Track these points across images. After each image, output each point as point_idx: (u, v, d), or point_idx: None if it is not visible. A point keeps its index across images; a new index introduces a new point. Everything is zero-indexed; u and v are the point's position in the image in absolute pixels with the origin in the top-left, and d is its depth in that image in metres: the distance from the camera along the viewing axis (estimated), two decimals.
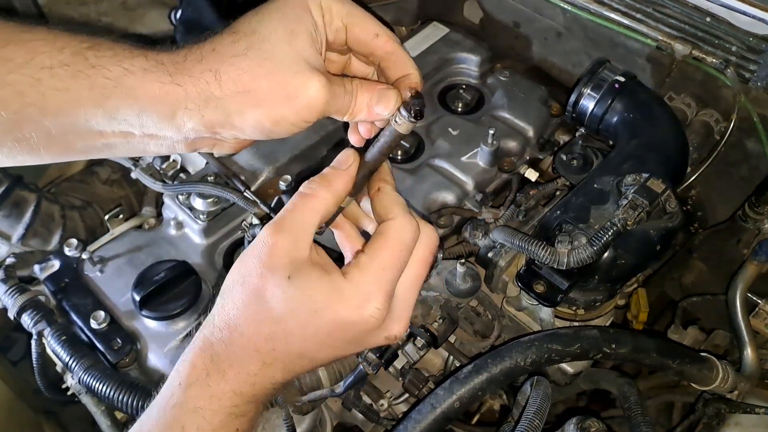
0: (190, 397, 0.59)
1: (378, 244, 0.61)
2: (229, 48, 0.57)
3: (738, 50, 1.27)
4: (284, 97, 0.57)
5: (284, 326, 0.59)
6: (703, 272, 1.40)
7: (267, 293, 0.59)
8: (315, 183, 0.62)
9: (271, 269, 0.59)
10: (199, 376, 0.59)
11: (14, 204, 1.30)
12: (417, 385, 1.04)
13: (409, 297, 0.64)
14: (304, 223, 0.61)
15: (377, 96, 0.61)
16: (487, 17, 1.64)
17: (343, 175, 0.63)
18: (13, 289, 1.13)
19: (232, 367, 0.59)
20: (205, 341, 0.61)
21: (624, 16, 1.36)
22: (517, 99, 1.42)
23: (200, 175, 1.25)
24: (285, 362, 0.61)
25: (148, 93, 0.56)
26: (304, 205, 0.61)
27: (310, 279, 0.59)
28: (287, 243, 0.59)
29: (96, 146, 0.60)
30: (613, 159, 1.16)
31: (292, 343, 0.60)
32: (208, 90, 0.57)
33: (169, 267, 1.12)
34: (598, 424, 0.90)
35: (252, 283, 0.59)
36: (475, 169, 1.30)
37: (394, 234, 0.62)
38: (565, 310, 1.09)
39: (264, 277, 0.59)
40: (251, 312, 0.59)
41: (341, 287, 0.59)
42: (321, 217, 0.62)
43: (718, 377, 1.00)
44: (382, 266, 0.60)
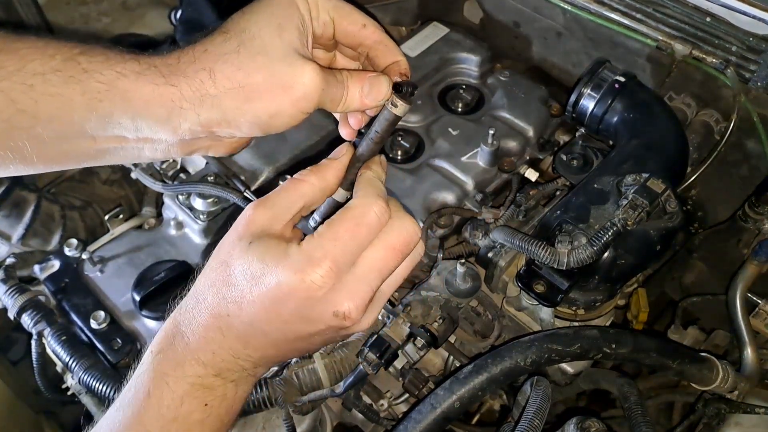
0: (157, 363, 0.60)
1: (336, 216, 0.62)
2: (221, 47, 0.59)
3: (738, 50, 1.27)
4: (280, 88, 0.58)
5: (238, 290, 0.60)
6: (703, 272, 1.40)
7: (230, 259, 0.61)
8: (306, 170, 0.65)
9: (240, 238, 0.61)
10: (167, 343, 0.61)
11: (14, 204, 1.30)
12: (417, 385, 1.04)
13: (370, 278, 0.61)
14: (287, 203, 0.63)
15: (368, 84, 0.62)
16: (487, 17, 1.64)
17: (334, 164, 0.65)
18: (13, 289, 1.13)
19: (195, 334, 0.61)
20: (177, 311, 0.63)
21: (624, 16, 1.36)
22: (517, 99, 1.42)
23: (200, 175, 1.25)
24: (239, 330, 0.61)
25: (142, 95, 0.57)
26: (291, 188, 0.63)
27: (268, 246, 0.60)
28: (264, 218, 0.62)
29: (89, 153, 0.60)
30: (613, 159, 1.16)
31: (243, 308, 0.60)
32: (203, 88, 0.57)
33: (169, 267, 1.12)
34: (598, 424, 0.90)
35: (223, 251, 0.62)
36: (475, 169, 1.29)
37: (354, 210, 0.62)
38: (565, 310, 1.09)
39: (233, 244, 0.61)
40: (215, 278, 0.61)
41: (289, 252, 0.59)
42: (306, 200, 0.64)
43: (718, 377, 1.00)
44: (333, 236, 0.60)
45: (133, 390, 0.61)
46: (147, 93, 0.57)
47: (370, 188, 0.64)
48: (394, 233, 0.63)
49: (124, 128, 0.58)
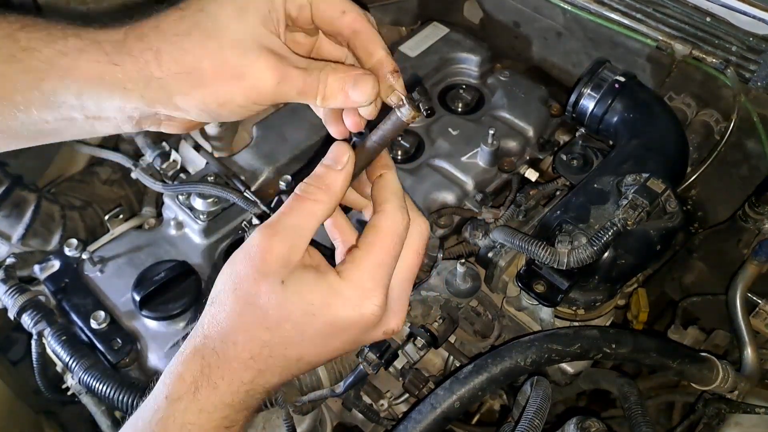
0: (177, 411, 0.56)
1: (371, 238, 0.59)
2: (173, 25, 0.54)
3: (738, 50, 1.27)
4: (229, 77, 0.54)
5: (281, 332, 0.57)
6: (703, 272, 1.40)
7: (261, 299, 0.56)
8: (312, 186, 0.59)
9: (265, 274, 0.56)
10: (188, 389, 0.57)
11: (14, 204, 1.30)
12: (417, 385, 1.04)
13: (405, 289, 0.63)
14: (302, 228, 0.58)
15: (353, 81, 0.57)
16: (487, 17, 1.64)
17: (341, 175, 0.59)
18: (13, 289, 1.13)
19: (224, 379, 0.57)
20: (195, 352, 0.58)
21: (624, 16, 1.36)
22: (517, 99, 1.42)
23: (200, 175, 1.25)
24: (282, 367, 0.59)
25: (84, 74, 0.53)
26: (301, 209, 0.58)
27: (305, 281, 0.57)
28: (283, 248, 0.57)
29: (42, 131, 0.58)
30: (613, 159, 1.16)
31: (289, 348, 0.58)
32: (148, 70, 0.53)
33: (169, 267, 1.12)
34: (598, 424, 0.90)
35: (245, 290, 0.57)
36: (475, 169, 1.30)
37: (387, 227, 0.59)
38: (565, 310, 1.09)
39: (258, 282, 0.56)
40: (246, 320, 0.57)
41: (337, 287, 0.58)
42: (318, 221, 0.59)
43: (719, 377, 1.00)
44: (377, 262, 0.58)
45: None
46: (89, 71, 0.53)
47: (393, 197, 0.61)
48: (416, 238, 0.63)
49: (70, 107, 0.55)
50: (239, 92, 0.55)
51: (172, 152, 1.29)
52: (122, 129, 0.59)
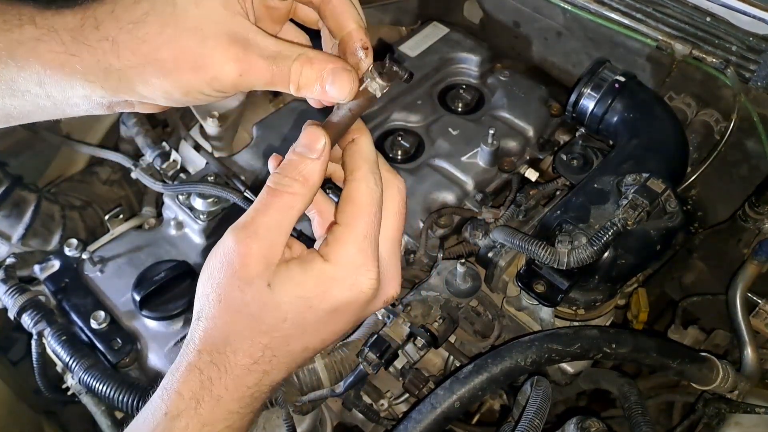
0: (178, 429, 0.55)
1: (348, 211, 0.56)
2: (129, 11, 0.51)
3: (738, 50, 1.27)
4: (189, 67, 0.51)
5: (280, 332, 0.55)
6: (703, 272, 1.40)
7: (251, 307, 0.54)
8: (287, 178, 0.54)
9: (249, 281, 0.53)
10: (188, 405, 0.55)
11: (14, 204, 1.30)
12: (417, 385, 1.04)
13: (394, 253, 0.61)
14: (280, 225, 0.54)
15: (330, 76, 0.53)
16: (487, 17, 1.64)
17: (317, 164, 0.55)
18: (13, 289, 1.13)
19: (228, 389, 0.55)
20: (191, 368, 0.55)
21: (624, 16, 1.36)
22: (517, 99, 1.42)
23: (200, 175, 1.25)
24: (287, 362, 0.58)
25: (43, 65, 0.51)
26: (278, 204, 0.54)
27: (292, 277, 0.54)
28: (262, 249, 0.54)
29: (11, 114, 0.56)
30: (613, 159, 1.16)
31: (292, 343, 0.57)
32: (106, 61, 0.51)
33: (169, 267, 1.12)
34: (598, 424, 0.90)
35: (231, 299, 0.54)
36: (475, 169, 1.30)
37: (362, 197, 0.56)
38: (565, 310, 1.09)
39: (243, 290, 0.54)
40: (240, 327, 0.55)
41: (328, 272, 0.55)
42: (296, 217, 0.55)
43: (719, 377, 1.00)
44: (361, 235, 0.55)
45: None
46: (47, 62, 0.51)
47: (365, 164, 0.57)
48: (393, 199, 0.60)
49: (35, 95, 0.53)
50: (201, 83, 0.52)
51: (172, 152, 1.29)
52: (94, 113, 0.57)
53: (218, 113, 1.35)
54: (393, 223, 0.60)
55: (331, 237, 0.56)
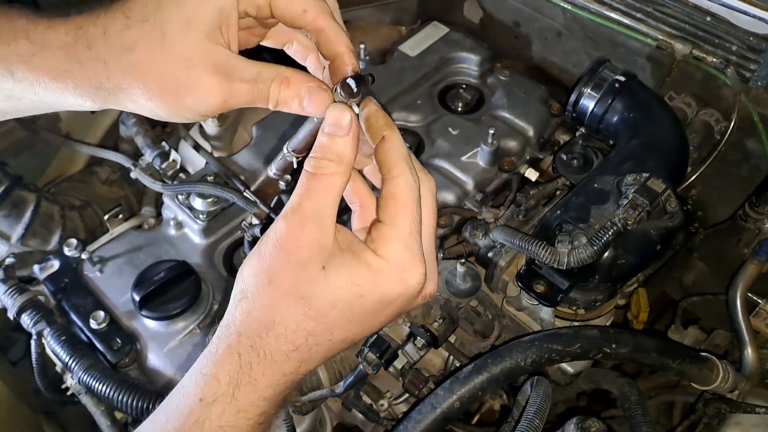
0: (213, 414, 0.55)
1: (393, 209, 0.57)
2: (120, 37, 0.54)
3: (738, 50, 1.27)
4: (175, 93, 0.55)
5: (326, 319, 0.56)
6: (703, 272, 1.40)
7: (302, 289, 0.55)
8: (322, 160, 0.56)
9: (303, 263, 0.54)
10: (225, 391, 0.55)
11: (14, 204, 1.30)
12: (417, 385, 1.04)
13: (432, 251, 0.62)
14: (325, 206, 0.55)
15: (307, 95, 0.57)
16: (487, 17, 1.64)
17: (348, 140, 0.56)
18: (12, 289, 1.13)
19: (265, 375, 0.56)
20: (231, 352, 0.56)
21: (624, 16, 1.36)
22: (517, 99, 1.42)
23: (200, 175, 1.25)
24: (325, 351, 0.58)
25: (37, 77, 0.55)
26: (319, 187, 0.55)
27: (346, 264, 0.56)
28: (313, 232, 0.54)
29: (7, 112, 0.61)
30: (613, 158, 1.15)
31: (335, 333, 0.57)
32: (97, 80, 0.55)
33: (168, 267, 1.11)
34: (598, 424, 0.90)
35: (282, 282, 0.55)
36: (475, 168, 1.29)
37: (405, 194, 0.57)
38: (565, 310, 1.09)
39: (296, 272, 0.54)
40: (287, 312, 0.55)
41: (380, 266, 0.56)
42: (339, 195, 0.56)
43: (719, 377, 1.00)
44: (407, 232, 0.57)
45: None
46: (41, 75, 0.55)
47: (403, 161, 0.58)
48: (428, 196, 0.62)
49: (29, 101, 0.57)
50: (186, 106, 0.56)
51: (171, 152, 1.29)
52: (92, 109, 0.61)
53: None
54: (429, 221, 0.62)
55: (376, 234, 0.57)
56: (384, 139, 0.59)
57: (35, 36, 0.55)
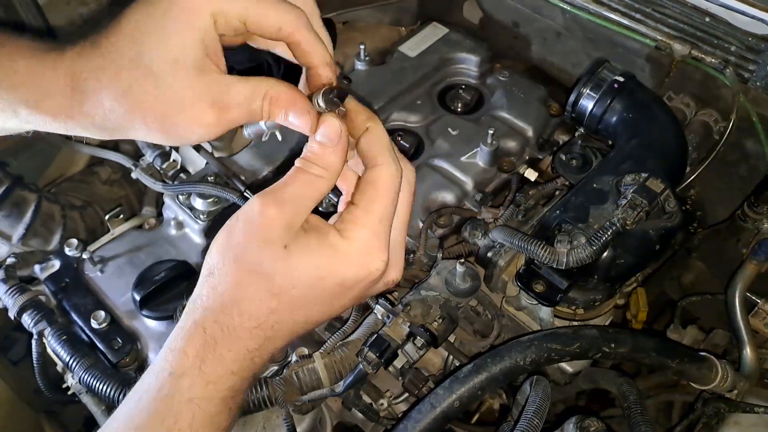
0: (183, 387, 0.56)
1: (370, 194, 0.59)
2: (116, 81, 0.56)
3: (737, 50, 1.27)
4: (174, 129, 0.58)
5: (288, 297, 0.57)
6: (702, 272, 1.40)
7: (266, 266, 0.56)
8: (313, 165, 0.59)
9: (269, 241, 0.56)
10: (193, 364, 0.57)
11: (14, 204, 1.30)
12: (417, 385, 1.04)
13: (401, 240, 0.64)
14: (304, 198, 0.58)
15: (292, 112, 0.59)
16: (486, 17, 1.64)
17: (338, 151, 0.59)
18: (13, 289, 1.13)
19: (231, 350, 0.57)
20: (196, 326, 0.57)
21: (623, 16, 1.36)
22: (517, 99, 1.42)
23: (200, 175, 1.25)
24: (288, 331, 0.60)
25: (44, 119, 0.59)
26: (305, 180, 0.58)
27: (309, 245, 0.57)
28: (286, 215, 0.57)
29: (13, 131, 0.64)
30: (612, 159, 1.16)
31: (296, 312, 0.59)
32: (100, 122, 0.58)
33: (169, 267, 1.12)
34: (597, 424, 0.90)
35: (247, 259, 0.56)
36: (474, 169, 1.30)
37: (385, 183, 0.59)
38: (564, 310, 1.10)
39: (261, 250, 0.56)
40: (251, 289, 0.57)
41: (342, 248, 0.58)
42: (320, 196, 0.59)
43: (718, 376, 1.01)
44: (378, 218, 0.59)
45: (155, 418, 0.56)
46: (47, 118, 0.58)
47: (386, 152, 0.60)
48: (407, 188, 0.63)
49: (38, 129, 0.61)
50: (187, 137, 0.59)
51: (172, 152, 1.29)
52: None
53: None
54: (404, 211, 0.63)
55: (348, 216, 0.59)
56: (368, 130, 0.61)
57: (37, 80, 0.57)
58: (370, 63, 1.48)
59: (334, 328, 1.10)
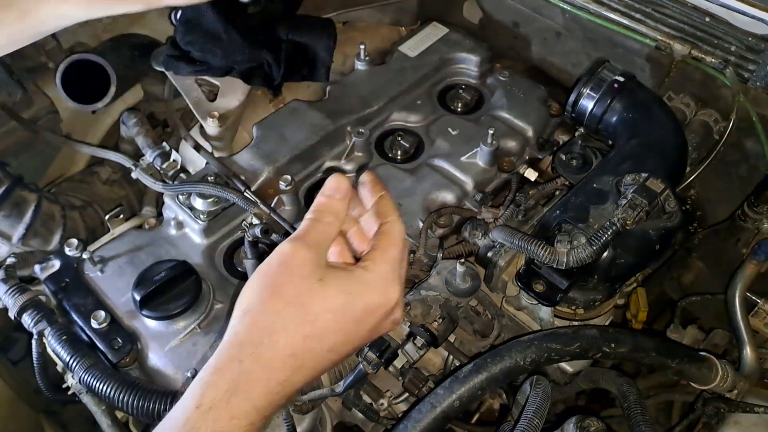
0: (208, 420, 0.58)
1: (386, 241, 0.70)
2: None
3: (737, 50, 1.27)
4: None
5: (321, 322, 0.63)
6: (702, 271, 1.40)
7: (303, 297, 0.62)
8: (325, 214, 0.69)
9: (305, 276, 0.63)
10: (222, 398, 0.58)
11: (14, 204, 1.30)
12: (417, 385, 1.05)
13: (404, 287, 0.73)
14: (323, 241, 0.68)
15: None
16: (486, 17, 1.64)
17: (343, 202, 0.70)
18: (13, 289, 1.13)
19: (261, 381, 0.60)
20: (232, 360, 0.60)
21: (623, 16, 1.36)
22: (517, 99, 1.42)
23: (200, 175, 1.25)
24: (316, 361, 0.64)
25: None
26: (318, 228, 0.68)
27: (339, 276, 0.65)
28: (311, 254, 0.65)
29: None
30: (612, 159, 1.16)
31: (325, 338, 0.63)
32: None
33: (169, 267, 1.11)
34: (597, 423, 0.90)
35: (287, 293, 0.62)
36: (474, 168, 1.30)
37: (397, 233, 0.71)
38: (564, 310, 1.10)
39: (298, 285, 0.63)
40: (288, 317, 0.62)
41: (367, 278, 0.66)
42: (333, 238, 0.69)
43: (718, 376, 1.01)
44: (394, 258, 0.69)
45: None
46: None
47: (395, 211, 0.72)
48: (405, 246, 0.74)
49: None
50: None
51: (172, 152, 1.29)
52: None
53: (218, 113, 1.36)
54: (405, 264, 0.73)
55: (368, 256, 0.69)
56: (381, 197, 0.73)
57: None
58: (370, 63, 1.48)
59: None
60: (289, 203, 1.25)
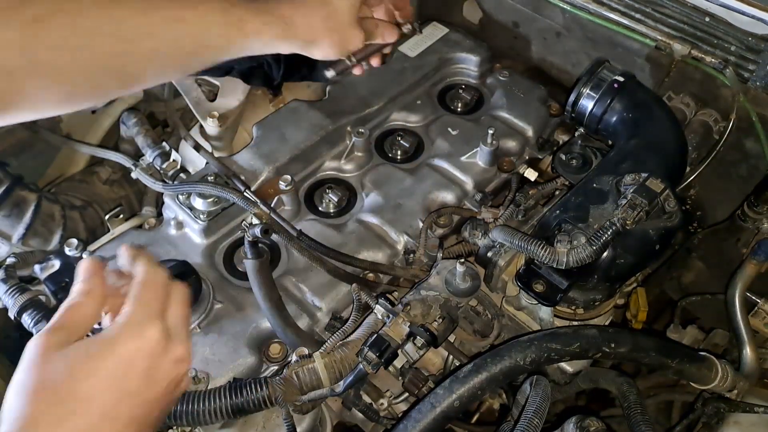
0: None
1: (132, 288, 0.67)
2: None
3: (737, 50, 1.27)
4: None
5: (81, 394, 0.59)
6: (702, 271, 1.40)
7: (44, 380, 0.59)
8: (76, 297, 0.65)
9: (45, 359, 0.60)
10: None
11: (15, 204, 1.30)
12: (417, 385, 1.04)
13: (184, 325, 0.69)
14: (75, 323, 0.64)
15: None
16: (486, 17, 1.64)
17: (96, 280, 0.67)
18: (13, 289, 1.13)
19: None
20: None
21: (623, 16, 1.36)
22: (517, 99, 1.42)
23: (200, 175, 1.25)
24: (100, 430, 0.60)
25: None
26: (69, 312, 0.65)
27: (83, 344, 0.62)
28: (55, 338, 0.62)
29: None
30: (612, 158, 1.16)
31: (92, 408, 0.59)
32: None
33: (169, 266, 1.11)
34: (597, 423, 0.90)
35: (29, 382, 0.59)
36: (474, 168, 1.30)
37: (140, 275, 0.68)
38: (564, 310, 1.10)
39: (38, 368, 0.60)
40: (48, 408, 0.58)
41: (113, 331, 0.63)
42: (92, 316, 0.66)
43: (718, 376, 1.01)
44: (144, 299, 0.65)
45: None
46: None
47: (146, 260, 0.70)
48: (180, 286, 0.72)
49: None
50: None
51: (172, 152, 1.29)
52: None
53: (218, 113, 1.36)
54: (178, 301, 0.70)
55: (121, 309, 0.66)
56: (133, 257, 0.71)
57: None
58: None
59: (334, 328, 1.10)
60: (289, 203, 1.25)
